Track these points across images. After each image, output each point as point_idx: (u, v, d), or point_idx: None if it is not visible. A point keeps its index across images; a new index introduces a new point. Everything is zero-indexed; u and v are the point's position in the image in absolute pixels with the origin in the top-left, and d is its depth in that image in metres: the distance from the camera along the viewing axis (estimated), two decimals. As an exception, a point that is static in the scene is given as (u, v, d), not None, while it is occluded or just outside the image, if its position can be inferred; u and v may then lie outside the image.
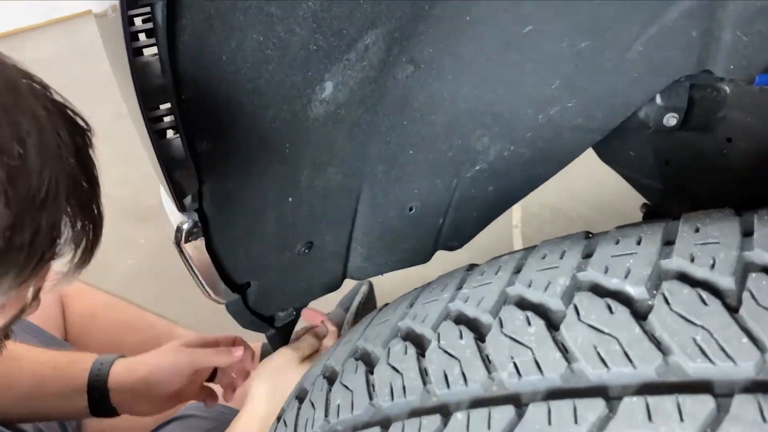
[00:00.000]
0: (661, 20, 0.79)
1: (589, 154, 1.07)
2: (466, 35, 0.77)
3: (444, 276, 0.54)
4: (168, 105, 0.63)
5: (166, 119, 0.65)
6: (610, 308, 0.38)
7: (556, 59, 0.83)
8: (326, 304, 1.28)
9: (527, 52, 0.82)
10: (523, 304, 0.43)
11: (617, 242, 0.43)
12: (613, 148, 1.16)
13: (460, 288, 0.50)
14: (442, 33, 0.75)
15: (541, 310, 0.42)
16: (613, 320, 0.38)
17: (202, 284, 0.86)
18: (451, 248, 1.21)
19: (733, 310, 0.36)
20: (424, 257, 1.18)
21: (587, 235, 0.47)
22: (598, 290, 0.41)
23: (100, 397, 0.99)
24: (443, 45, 0.77)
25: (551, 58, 0.83)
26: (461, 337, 0.44)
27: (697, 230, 0.40)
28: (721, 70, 0.81)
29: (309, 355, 1.00)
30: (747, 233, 0.40)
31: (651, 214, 1.18)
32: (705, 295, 0.36)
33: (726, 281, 0.37)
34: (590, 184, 2.13)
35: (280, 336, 1.10)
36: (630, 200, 1.42)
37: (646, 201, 1.28)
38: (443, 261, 1.26)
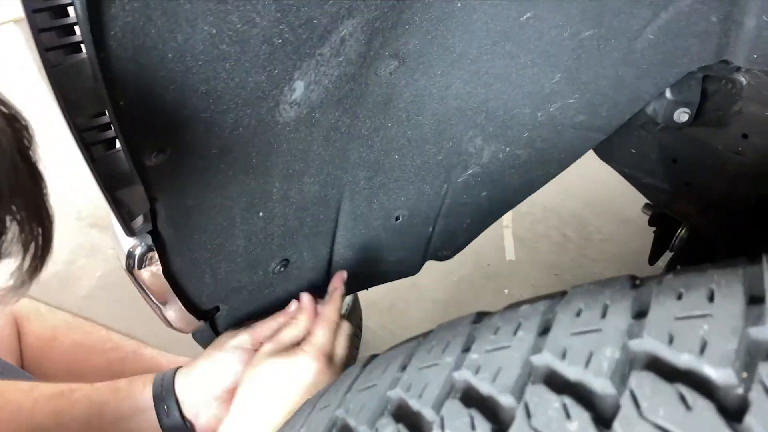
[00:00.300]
0: (675, 4, 0.70)
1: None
2: (456, 24, 0.68)
3: (444, 328, 0.43)
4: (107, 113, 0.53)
5: (106, 130, 0.55)
6: (684, 400, 0.28)
7: (556, 50, 0.75)
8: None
9: (525, 43, 0.73)
10: (556, 384, 0.32)
11: (679, 297, 0.33)
12: (613, 145, 1.08)
13: (467, 350, 0.39)
14: (430, 22, 0.66)
15: (583, 395, 0.30)
16: (693, 420, 0.26)
17: (161, 314, 0.76)
18: (441, 258, 1.12)
19: None
20: (413, 269, 1.10)
21: (634, 282, 0.36)
22: (663, 370, 0.29)
23: (169, 411, 0.89)
24: (431, 36, 0.68)
25: (551, 49, 0.74)
26: (473, 426, 0.33)
27: (795, 283, 0.30)
28: (742, 59, 0.73)
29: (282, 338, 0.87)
30: None
31: (658, 217, 1.10)
32: (830, 387, 0.26)
33: None
34: (583, 180, 2.05)
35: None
36: (625, 197, 1.35)
37: (647, 201, 1.20)
38: (431, 270, 1.17)
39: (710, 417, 0.26)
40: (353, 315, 1.50)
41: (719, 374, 0.27)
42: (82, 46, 0.48)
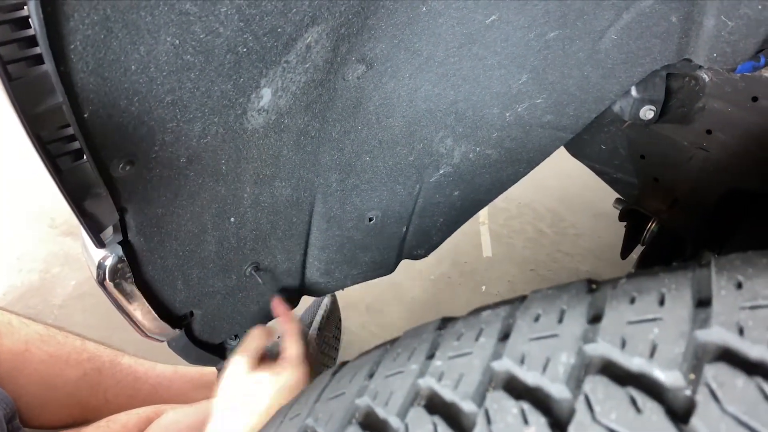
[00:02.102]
0: (636, 5, 0.71)
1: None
2: (422, 28, 0.68)
3: (410, 334, 0.44)
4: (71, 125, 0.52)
5: (72, 141, 0.54)
6: (635, 403, 0.29)
7: (523, 51, 0.75)
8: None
9: (491, 45, 0.74)
10: (515, 390, 0.32)
11: (632, 300, 0.34)
12: (584, 141, 1.09)
13: (431, 357, 0.40)
14: (396, 27, 0.66)
15: (540, 400, 0.31)
16: (643, 422, 0.27)
17: (135, 323, 0.76)
18: (416, 257, 1.13)
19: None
20: (388, 268, 1.10)
21: (590, 286, 0.37)
22: (616, 374, 0.30)
23: None
24: (397, 40, 0.68)
25: (518, 51, 0.75)
26: (436, 432, 0.34)
27: (739, 286, 0.31)
28: (703, 58, 0.74)
29: (264, 356, 0.89)
30: None
31: (628, 213, 1.12)
32: (768, 387, 0.27)
33: None
34: (557, 175, 2.07)
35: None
36: (599, 191, 1.36)
37: (618, 196, 1.22)
38: (409, 269, 1.18)
39: (659, 419, 0.27)
40: (332, 317, 1.50)
41: (668, 377, 0.28)
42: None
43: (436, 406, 0.35)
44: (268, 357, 1.08)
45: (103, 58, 0.48)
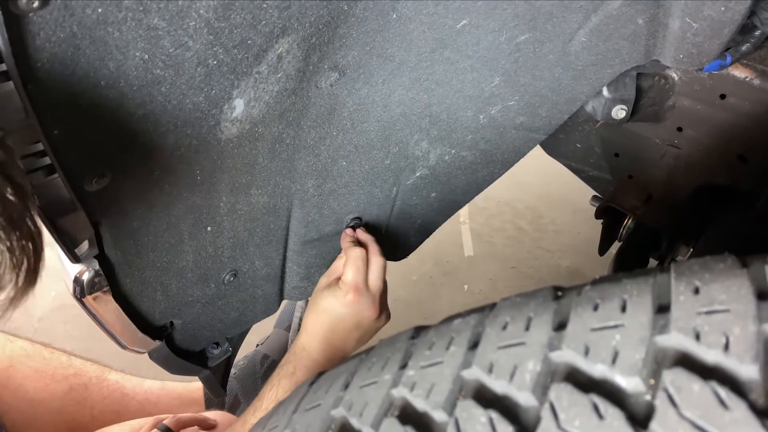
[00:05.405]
0: (604, 8, 0.72)
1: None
2: (393, 34, 0.69)
3: (384, 344, 0.44)
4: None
5: (44, 156, 0.54)
6: (597, 409, 0.30)
7: (494, 55, 0.76)
8: (263, 325, 1.18)
9: (463, 49, 0.74)
10: (484, 397, 0.33)
11: (596, 307, 0.35)
12: (559, 141, 1.10)
13: (404, 366, 0.40)
14: (367, 34, 0.67)
15: (508, 409, 0.32)
16: (604, 428, 0.27)
17: (115, 337, 0.75)
18: (396, 258, 1.13)
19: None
20: (368, 270, 1.11)
21: (556, 293, 0.38)
22: (580, 381, 0.30)
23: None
24: (369, 47, 0.69)
25: (489, 54, 0.76)
26: (408, 444, 0.35)
27: (696, 291, 0.32)
28: (670, 59, 0.75)
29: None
30: (763, 294, 0.30)
31: (605, 210, 1.13)
32: (724, 392, 0.27)
33: (750, 370, 0.27)
34: (536, 173, 2.08)
35: (217, 376, 1.00)
36: (577, 188, 1.38)
37: (595, 194, 1.23)
38: (392, 270, 1.18)
39: (620, 425, 0.28)
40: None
41: (629, 383, 0.29)
42: (11, 74, 0.47)
43: (408, 416, 0.35)
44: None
45: (71, 75, 0.48)
